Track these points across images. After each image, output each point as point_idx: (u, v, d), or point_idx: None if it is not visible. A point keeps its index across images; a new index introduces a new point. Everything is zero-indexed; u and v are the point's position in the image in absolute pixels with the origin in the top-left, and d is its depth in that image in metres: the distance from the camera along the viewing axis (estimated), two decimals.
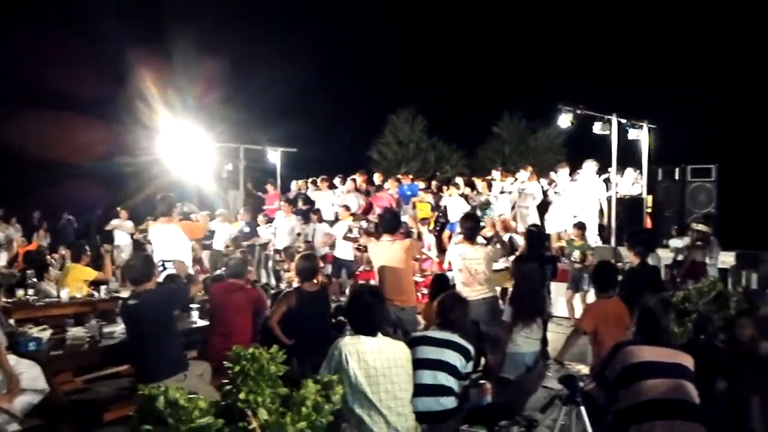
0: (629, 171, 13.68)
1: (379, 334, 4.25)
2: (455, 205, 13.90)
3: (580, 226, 11.03)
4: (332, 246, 13.20)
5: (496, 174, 14.54)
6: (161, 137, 13.51)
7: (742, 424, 5.44)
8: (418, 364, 4.41)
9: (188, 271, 7.82)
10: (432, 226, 13.72)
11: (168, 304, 5.76)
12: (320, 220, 14.05)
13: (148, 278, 5.72)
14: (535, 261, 7.30)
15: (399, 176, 15.98)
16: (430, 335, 4.86)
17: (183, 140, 13.45)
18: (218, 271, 9.45)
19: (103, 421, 5.77)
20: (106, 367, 6.52)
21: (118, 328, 6.45)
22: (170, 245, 7.91)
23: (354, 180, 15.69)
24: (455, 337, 4.78)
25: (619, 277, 6.85)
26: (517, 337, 6.05)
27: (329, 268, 12.71)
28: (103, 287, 8.61)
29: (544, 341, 6.69)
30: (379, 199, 14.82)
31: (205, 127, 14.83)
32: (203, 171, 14.58)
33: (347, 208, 13.70)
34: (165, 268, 7.56)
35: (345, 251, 12.62)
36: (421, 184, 15.62)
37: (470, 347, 4.79)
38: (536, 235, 8.97)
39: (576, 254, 10.45)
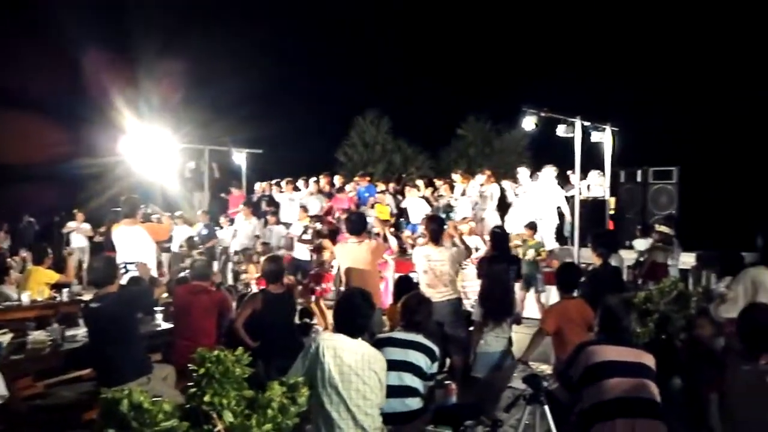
0: (593, 173, 13.82)
1: (360, 339, 4.26)
2: (416, 206, 13.96)
3: (531, 226, 11.22)
4: (290, 247, 13.23)
5: (456, 177, 14.62)
6: (125, 138, 13.36)
7: (701, 421, 5.55)
8: None
9: (151, 273, 7.75)
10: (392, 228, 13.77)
11: (131, 306, 5.69)
12: (277, 222, 14.11)
13: (111, 281, 5.66)
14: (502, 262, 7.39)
15: (356, 178, 15.93)
16: (395, 336, 4.89)
17: (147, 141, 13.30)
18: (182, 273, 9.39)
19: (67, 425, 5.69)
20: (68, 371, 6.42)
21: (81, 332, 6.37)
22: (134, 247, 7.83)
23: (317, 182, 15.73)
24: (420, 338, 4.81)
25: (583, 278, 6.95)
26: (488, 337, 6.15)
27: None
28: (65, 290, 8.50)
29: (509, 341, 6.75)
30: (339, 201, 14.86)
31: (170, 128, 14.70)
32: (167, 172, 14.46)
33: (305, 209, 13.75)
34: (127, 271, 7.49)
35: (302, 252, 12.63)
36: (381, 186, 15.63)
37: (435, 348, 4.82)
38: (501, 236, 9.05)
39: (531, 252, 10.60)
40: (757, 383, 3.91)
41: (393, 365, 4.53)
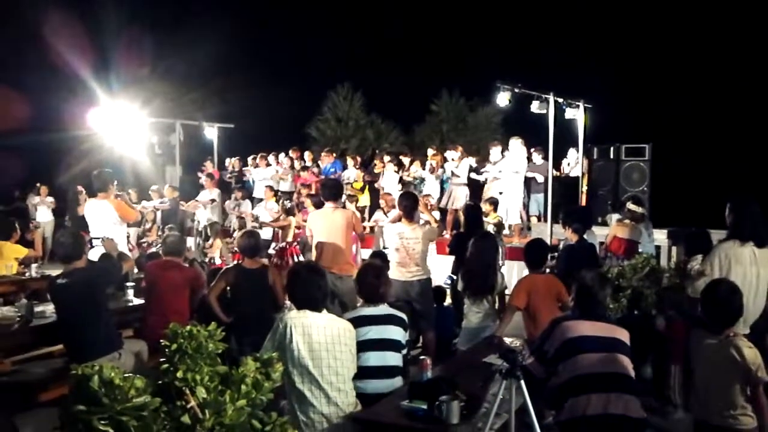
0: (572, 151, 13.87)
1: (325, 311, 4.23)
2: (386, 180, 13.95)
3: (492, 201, 11.24)
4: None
5: (430, 151, 14.61)
6: (94, 111, 13.14)
7: (664, 393, 5.66)
8: (362, 345, 4.40)
9: (118, 248, 7.61)
10: (359, 202, 13.81)
11: (99, 282, 5.62)
12: (244, 197, 14.24)
13: (79, 256, 5.58)
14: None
15: (323, 154, 15.87)
16: (366, 314, 4.72)
17: (116, 114, 13.10)
18: (154, 249, 9.30)
19: (35, 402, 5.60)
20: (38, 347, 6.33)
21: (50, 308, 6.26)
22: (102, 222, 7.72)
23: (291, 158, 15.71)
24: (390, 310, 4.79)
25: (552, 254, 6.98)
26: (469, 313, 6.15)
27: None
28: (33, 265, 8.40)
29: (492, 317, 6.75)
30: (303, 179, 14.86)
31: (139, 101, 14.52)
32: (137, 146, 14.32)
33: (270, 188, 13.82)
34: (93, 246, 7.39)
35: (265, 230, 12.63)
36: (350, 161, 15.69)
37: (404, 316, 4.84)
38: (474, 212, 9.06)
39: (491, 228, 10.62)
40: (720, 356, 3.96)
41: (373, 345, 4.50)
